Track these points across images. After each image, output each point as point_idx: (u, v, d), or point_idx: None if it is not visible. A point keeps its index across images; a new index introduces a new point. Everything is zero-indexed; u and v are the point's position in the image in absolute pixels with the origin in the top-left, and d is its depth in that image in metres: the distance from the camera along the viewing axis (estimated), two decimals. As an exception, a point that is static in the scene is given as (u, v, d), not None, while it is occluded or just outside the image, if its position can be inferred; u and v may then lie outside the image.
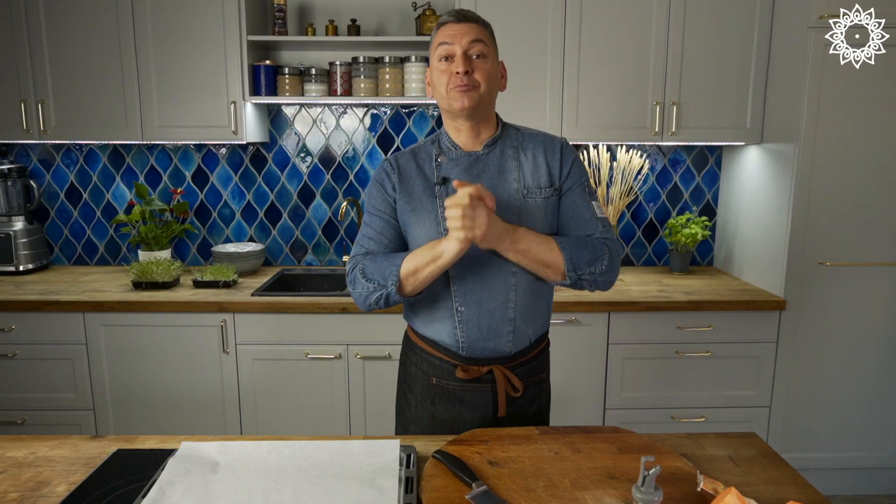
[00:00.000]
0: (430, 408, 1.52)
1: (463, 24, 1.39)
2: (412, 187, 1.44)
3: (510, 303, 1.43)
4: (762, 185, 2.67)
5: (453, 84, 1.37)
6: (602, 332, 2.50)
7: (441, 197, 1.42)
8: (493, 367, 1.46)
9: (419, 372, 1.53)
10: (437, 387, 1.50)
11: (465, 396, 1.49)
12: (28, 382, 2.51)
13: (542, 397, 1.57)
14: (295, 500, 1.05)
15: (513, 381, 1.46)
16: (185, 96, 2.62)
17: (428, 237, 1.40)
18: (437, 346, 1.49)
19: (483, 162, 1.44)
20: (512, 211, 1.39)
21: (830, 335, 2.54)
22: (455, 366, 1.47)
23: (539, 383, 1.55)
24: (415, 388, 1.55)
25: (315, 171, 3.03)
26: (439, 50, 1.39)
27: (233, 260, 2.82)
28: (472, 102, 1.37)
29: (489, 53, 1.40)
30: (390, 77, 2.68)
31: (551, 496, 1.07)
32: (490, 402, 1.48)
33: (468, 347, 1.45)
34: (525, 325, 1.47)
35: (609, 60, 2.60)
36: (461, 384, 1.48)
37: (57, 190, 3.04)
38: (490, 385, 1.47)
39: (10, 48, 2.59)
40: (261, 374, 2.51)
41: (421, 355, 1.53)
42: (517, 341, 1.46)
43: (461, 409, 1.49)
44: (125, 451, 1.25)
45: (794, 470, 1.20)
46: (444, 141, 1.47)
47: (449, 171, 1.43)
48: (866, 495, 2.68)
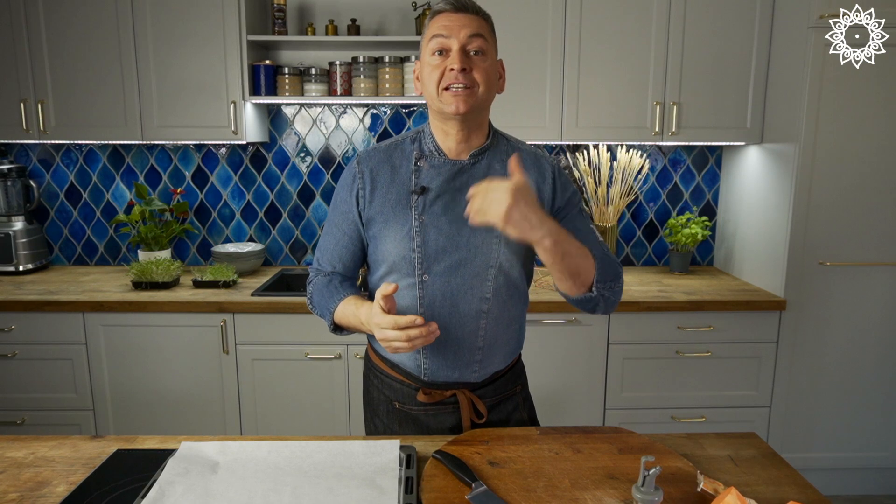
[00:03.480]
0: (397, 430, 1.42)
1: (461, 14, 1.23)
2: (384, 194, 1.30)
3: (480, 331, 1.31)
4: (762, 185, 2.67)
5: (447, 82, 1.22)
6: (602, 332, 2.50)
7: (417, 208, 1.27)
8: (457, 391, 1.36)
9: (381, 395, 1.43)
10: (400, 411, 1.40)
11: (429, 421, 1.38)
12: (28, 382, 2.51)
13: (523, 408, 1.47)
14: (295, 501, 1.05)
15: (478, 406, 1.36)
16: (185, 96, 2.62)
17: (399, 253, 1.28)
18: (398, 368, 1.39)
19: (468, 173, 1.29)
20: (493, 232, 1.27)
21: (830, 335, 2.54)
22: (416, 389, 1.37)
23: (513, 396, 1.45)
24: (379, 411, 1.45)
25: (315, 171, 3.03)
26: (433, 42, 1.23)
27: (233, 260, 2.82)
28: (467, 107, 1.22)
29: (489, 50, 1.25)
30: (390, 77, 2.68)
31: (551, 496, 1.07)
32: (456, 425, 1.38)
33: (431, 374, 1.34)
34: (493, 354, 1.35)
35: (609, 60, 2.60)
36: (424, 408, 1.38)
37: (57, 190, 3.04)
38: (454, 407, 1.37)
39: (9, 48, 2.59)
40: (261, 374, 2.51)
41: (382, 378, 1.42)
42: (483, 370, 1.35)
43: (427, 433, 1.39)
44: (125, 451, 1.25)
45: (794, 470, 1.20)
46: (426, 142, 1.32)
47: (430, 179, 1.28)
48: (866, 495, 2.68)
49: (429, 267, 1.28)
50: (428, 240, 1.27)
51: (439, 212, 1.28)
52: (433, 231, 1.27)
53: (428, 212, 1.28)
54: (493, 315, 1.31)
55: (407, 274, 1.29)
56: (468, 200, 1.08)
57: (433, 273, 1.28)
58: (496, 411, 1.42)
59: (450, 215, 1.28)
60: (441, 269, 1.28)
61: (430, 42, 1.24)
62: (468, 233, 1.28)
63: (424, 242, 1.27)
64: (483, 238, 1.28)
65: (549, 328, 2.49)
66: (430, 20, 1.27)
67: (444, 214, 1.28)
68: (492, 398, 1.40)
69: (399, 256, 1.28)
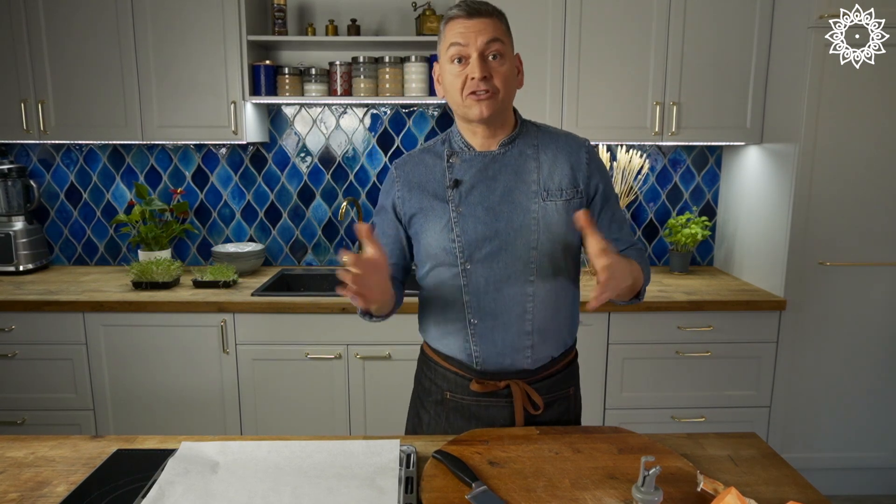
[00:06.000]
0: (443, 424, 1.42)
1: (476, 19, 1.24)
2: (421, 192, 1.35)
3: (527, 314, 1.32)
4: (762, 185, 2.67)
5: (469, 89, 1.25)
6: (602, 332, 2.50)
7: (453, 201, 1.32)
8: (511, 381, 1.36)
9: (433, 386, 1.44)
10: (451, 401, 1.41)
11: (480, 412, 1.39)
12: (28, 382, 2.51)
13: (571, 413, 1.45)
14: (295, 501, 1.05)
15: (532, 397, 1.36)
16: (185, 96, 2.62)
17: (440, 245, 1.32)
18: (451, 360, 1.40)
19: (500, 162, 1.33)
20: (530, 215, 1.30)
21: (830, 335, 2.54)
22: (470, 379, 1.38)
23: (566, 398, 1.44)
24: (427, 403, 1.46)
25: (315, 171, 3.03)
26: (451, 50, 1.26)
27: (233, 260, 2.82)
28: (490, 111, 1.27)
29: (506, 52, 1.27)
30: (390, 77, 2.68)
31: (551, 496, 1.07)
32: (508, 419, 1.38)
33: (483, 362, 1.35)
34: (545, 339, 1.36)
35: (609, 60, 2.60)
36: (476, 398, 1.38)
37: (57, 190, 3.04)
38: (507, 400, 1.37)
39: (10, 48, 2.59)
40: (261, 374, 2.51)
41: (435, 369, 1.43)
42: (537, 357, 1.36)
43: (476, 425, 1.39)
44: (125, 451, 1.25)
45: (794, 470, 1.20)
46: (455, 141, 1.37)
47: (463, 172, 1.33)
48: (866, 495, 2.68)
49: (470, 255, 1.31)
50: (467, 229, 1.31)
51: (475, 202, 1.31)
52: (471, 220, 1.31)
53: (464, 202, 1.32)
54: (539, 298, 1.33)
55: (450, 264, 1.33)
56: None
57: (475, 261, 1.31)
58: (550, 411, 1.41)
59: (486, 203, 1.31)
60: (482, 256, 1.31)
61: (449, 50, 1.27)
62: (506, 219, 1.30)
63: (464, 232, 1.31)
64: (521, 221, 1.30)
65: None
66: (444, 25, 1.29)
67: (479, 204, 1.31)
68: (546, 395, 1.40)
69: (440, 248, 1.33)
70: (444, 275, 1.34)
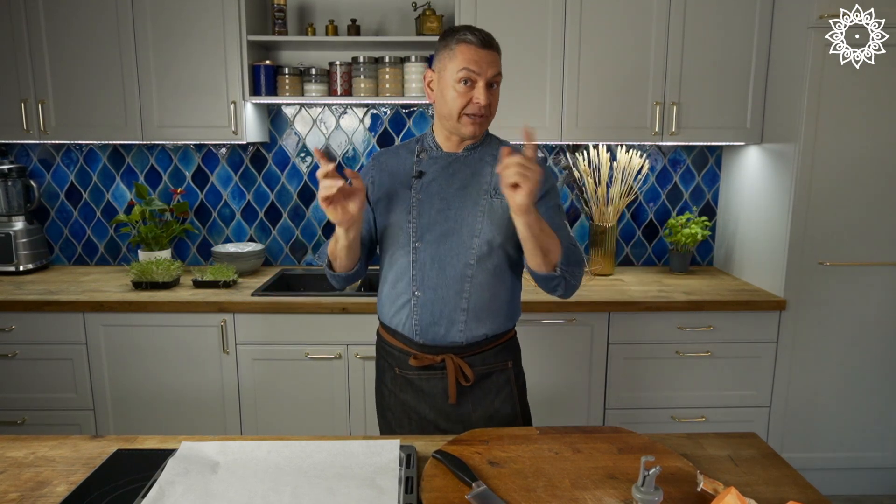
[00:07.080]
0: (399, 395, 1.60)
1: (487, 51, 1.42)
2: (390, 180, 1.55)
3: (464, 293, 1.49)
4: (762, 185, 2.67)
5: (470, 111, 1.43)
6: (602, 332, 2.50)
7: (415, 188, 1.51)
8: (446, 355, 1.51)
9: (385, 363, 1.63)
10: (400, 377, 1.59)
11: (423, 384, 1.56)
12: (28, 382, 2.51)
13: (512, 386, 1.59)
14: (295, 501, 1.05)
15: (465, 370, 1.52)
16: (185, 96, 2.62)
17: (398, 224, 1.51)
18: (397, 335, 1.57)
19: (461, 162, 1.53)
20: (478, 208, 1.48)
21: (830, 335, 2.54)
22: (411, 354, 1.54)
23: (504, 370, 1.58)
24: (385, 378, 1.64)
25: (315, 171, 3.03)
26: (461, 73, 1.42)
27: (233, 260, 2.82)
28: (481, 131, 1.48)
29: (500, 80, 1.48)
30: (390, 77, 2.68)
31: (551, 496, 1.07)
32: (445, 391, 1.54)
33: (422, 332, 1.51)
34: (478, 319, 1.51)
35: (609, 60, 2.60)
36: (417, 372, 1.55)
37: (57, 190, 3.04)
38: (443, 373, 1.53)
39: (10, 48, 2.59)
40: (261, 374, 2.51)
41: (386, 347, 1.61)
42: (469, 333, 1.51)
43: (422, 397, 1.56)
44: (125, 451, 1.25)
45: (794, 470, 1.20)
46: (428, 141, 1.56)
47: (428, 166, 1.53)
48: (866, 495, 2.68)
49: (421, 236, 1.49)
50: (422, 213, 1.50)
51: (433, 192, 1.51)
52: (427, 206, 1.50)
53: (424, 191, 1.51)
54: (477, 281, 1.49)
55: (404, 243, 1.51)
56: (497, 173, 1.26)
57: (425, 241, 1.49)
58: (487, 382, 1.56)
59: (442, 194, 1.51)
60: (432, 237, 1.49)
61: (460, 72, 1.42)
62: (456, 208, 1.50)
63: (419, 215, 1.50)
64: (469, 212, 1.49)
65: (549, 328, 2.49)
66: (455, 45, 1.43)
67: (437, 194, 1.51)
68: (480, 367, 1.55)
69: (398, 227, 1.51)
70: (399, 253, 1.52)
